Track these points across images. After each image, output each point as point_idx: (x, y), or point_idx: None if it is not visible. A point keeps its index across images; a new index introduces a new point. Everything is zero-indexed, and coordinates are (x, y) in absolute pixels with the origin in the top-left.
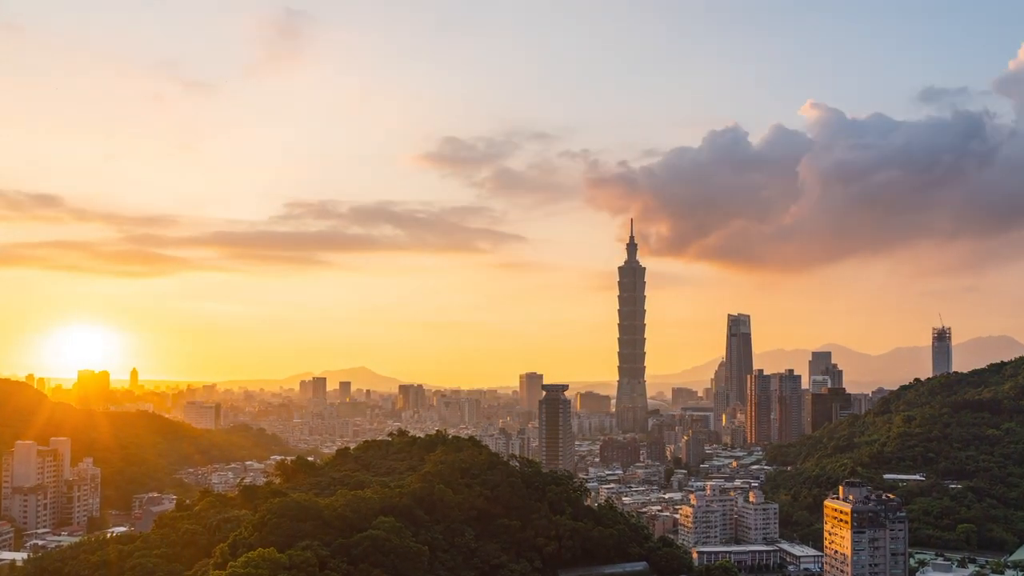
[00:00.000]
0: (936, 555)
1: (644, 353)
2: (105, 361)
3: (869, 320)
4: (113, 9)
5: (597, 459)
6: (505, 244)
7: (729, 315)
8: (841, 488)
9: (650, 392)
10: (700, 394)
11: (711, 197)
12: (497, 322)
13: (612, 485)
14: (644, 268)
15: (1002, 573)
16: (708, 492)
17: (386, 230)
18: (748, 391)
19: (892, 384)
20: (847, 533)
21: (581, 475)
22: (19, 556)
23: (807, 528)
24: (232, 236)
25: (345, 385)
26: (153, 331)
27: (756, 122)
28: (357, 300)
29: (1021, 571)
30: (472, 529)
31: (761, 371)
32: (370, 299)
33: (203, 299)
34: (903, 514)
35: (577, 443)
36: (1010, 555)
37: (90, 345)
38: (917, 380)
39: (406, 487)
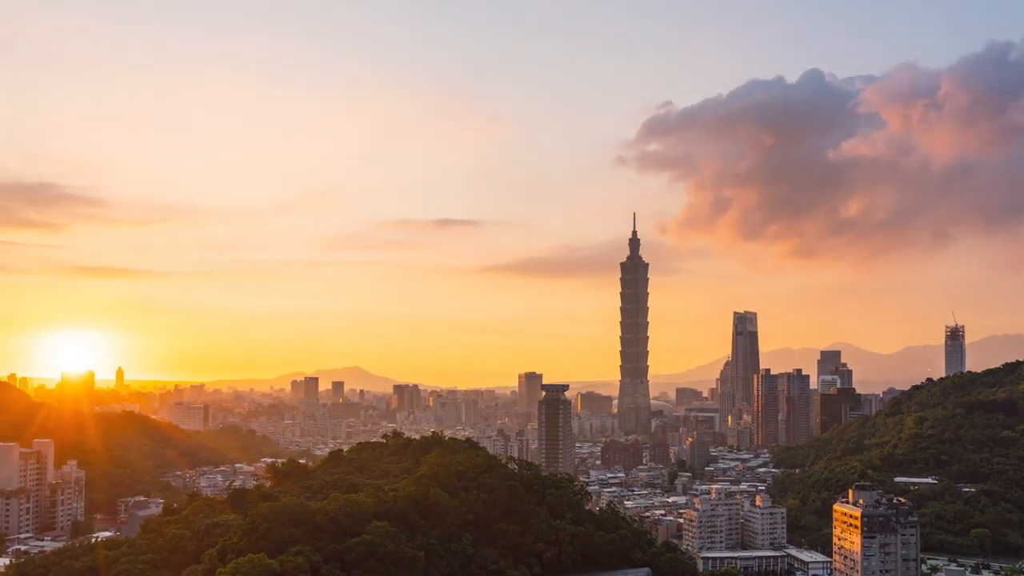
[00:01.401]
0: (949, 561)
1: (647, 352)
2: (90, 361)
3: (880, 318)
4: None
5: (598, 461)
6: (504, 238)
7: (735, 313)
8: (851, 491)
9: (653, 392)
10: (705, 394)
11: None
12: (495, 320)
13: (614, 488)
14: (647, 264)
15: None
16: (713, 495)
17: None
18: (754, 391)
19: (904, 384)
20: (857, 538)
21: (582, 478)
22: (1, 562)
23: (816, 533)
24: (230, 238)
25: (338, 385)
26: (139, 330)
27: None
28: (350, 298)
29: None
30: (469, 534)
31: (768, 371)
32: (364, 297)
33: (191, 298)
34: (915, 518)
35: (578, 445)
36: None
37: (74, 345)
38: (929, 380)
39: (401, 490)
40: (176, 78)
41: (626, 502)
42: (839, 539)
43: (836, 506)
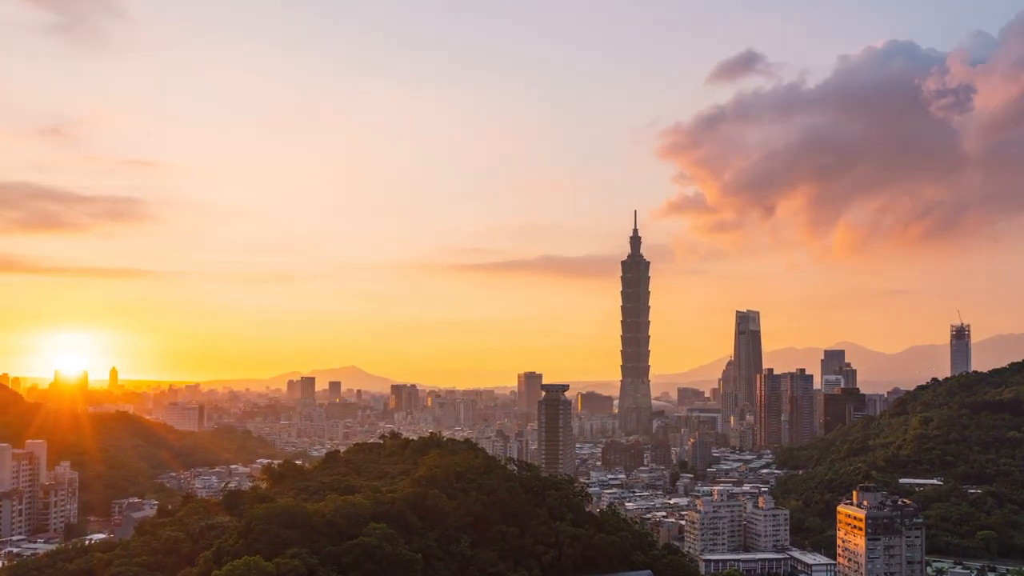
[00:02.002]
0: (955, 563)
1: (648, 351)
2: (83, 360)
3: (885, 317)
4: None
5: (599, 463)
6: (504, 236)
7: (737, 312)
8: (855, 493)
9: (654, 392)
10: (707, 394)
11: None
12: (494, 319)
13: (615, 490)
14: (648, 262)
15: None
16: (715, 497)
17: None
18: (757, 391)
19: (908, 384)
20: (861, 540)
21: (582, 479)
22: None
23: (819, 535)
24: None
25: (335, 385)
26: (133, 330)
27: None
28: (347, 296)
29: None
30: (468, 536)
31: (771, 370)
32: (361, 295)
33: (184, 297)
34: (920, 520)
35: (578, 446)
36: None
37: (68, 345)
38: (935, 380)
39: (399, 492)
40: (213, 80)
41: (627, 504)
42: (843, 541)
43: (840, 508)
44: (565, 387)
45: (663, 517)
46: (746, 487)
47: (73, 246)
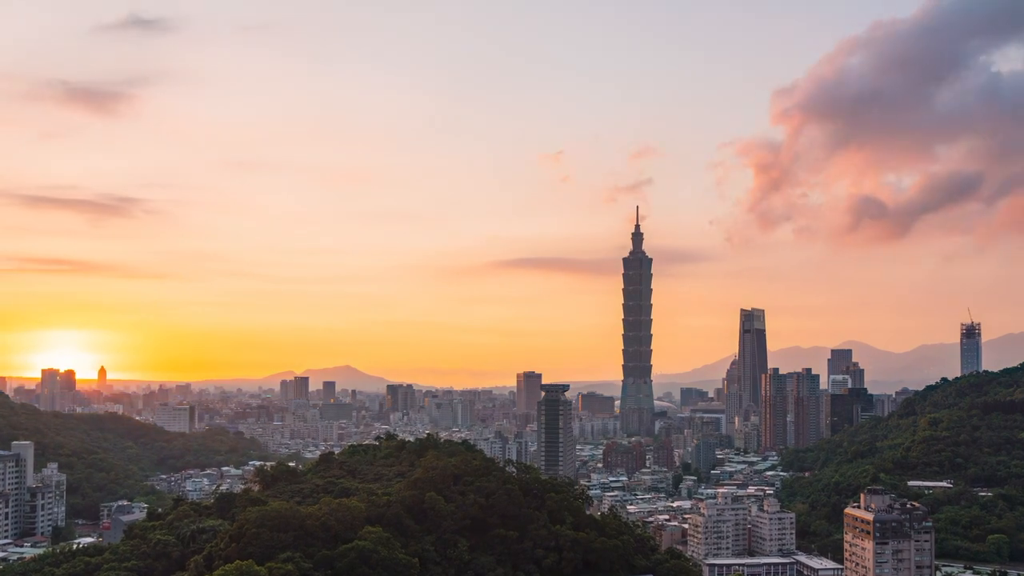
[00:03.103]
0: (965, 567)
1: (650, 351)
2: (71, 359)
3: (893, 315)
4: None
5: (600, 464)
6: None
7: (742, 310)
8: (862, 496)
9: (657, 392)
10: (711, 395)
11: None
12: (492, 317)
13: (616, 492)
14: (651, 259)
15: None
16: (719, 500)
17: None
18: (762, 392)
19: (917, 384)
20: (869, 544)
21: (583, 482)
22: None
23: (826, 539)
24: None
25: (329, 385)
26: (123, 329)
27: None
28: (342, 296)
29: None
30: (466, 540)
31: (776, 370)
32: (356, 295)
33: (178, 297)
34: (929, 524)
35: (578, 447)
36: None
37: (56, 343)
38: (944, 380)
39: (395, 495)
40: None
41: (629, 507)
42: (850, 545)
43: (847, 511)
44: (565, 387)
45: (666, 520)
46: (751, 490)
47: (84, 245)
